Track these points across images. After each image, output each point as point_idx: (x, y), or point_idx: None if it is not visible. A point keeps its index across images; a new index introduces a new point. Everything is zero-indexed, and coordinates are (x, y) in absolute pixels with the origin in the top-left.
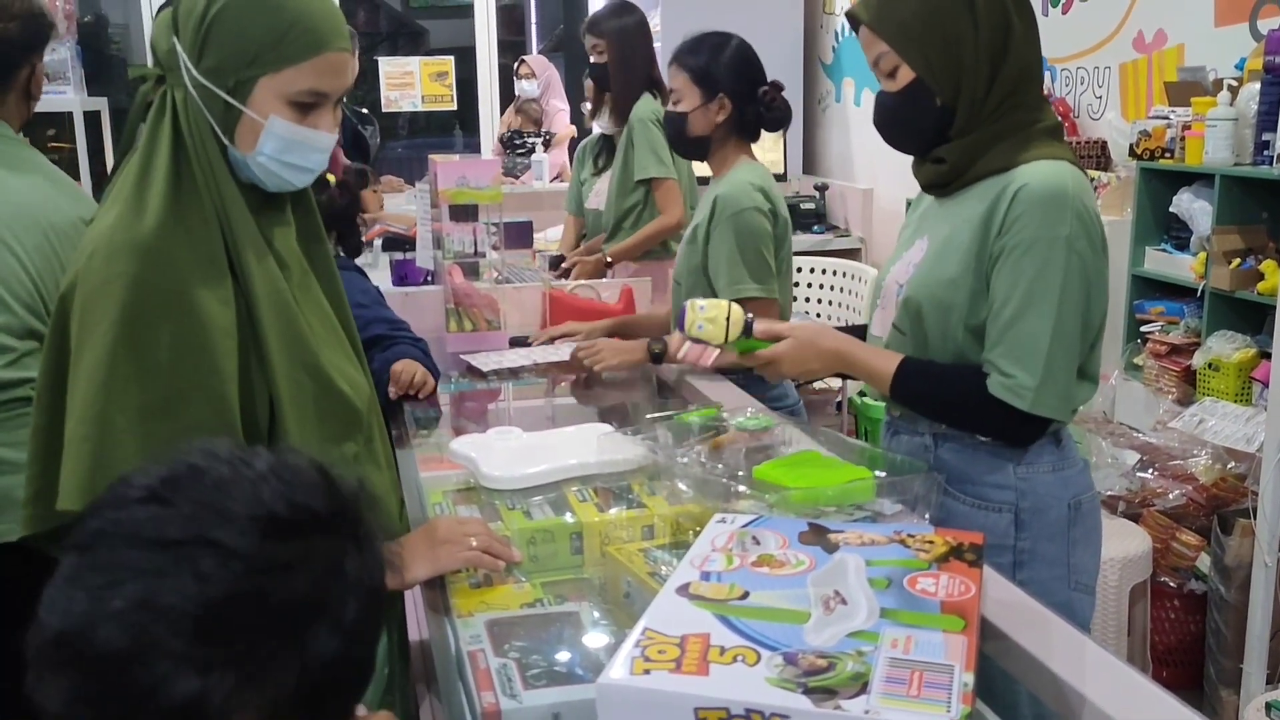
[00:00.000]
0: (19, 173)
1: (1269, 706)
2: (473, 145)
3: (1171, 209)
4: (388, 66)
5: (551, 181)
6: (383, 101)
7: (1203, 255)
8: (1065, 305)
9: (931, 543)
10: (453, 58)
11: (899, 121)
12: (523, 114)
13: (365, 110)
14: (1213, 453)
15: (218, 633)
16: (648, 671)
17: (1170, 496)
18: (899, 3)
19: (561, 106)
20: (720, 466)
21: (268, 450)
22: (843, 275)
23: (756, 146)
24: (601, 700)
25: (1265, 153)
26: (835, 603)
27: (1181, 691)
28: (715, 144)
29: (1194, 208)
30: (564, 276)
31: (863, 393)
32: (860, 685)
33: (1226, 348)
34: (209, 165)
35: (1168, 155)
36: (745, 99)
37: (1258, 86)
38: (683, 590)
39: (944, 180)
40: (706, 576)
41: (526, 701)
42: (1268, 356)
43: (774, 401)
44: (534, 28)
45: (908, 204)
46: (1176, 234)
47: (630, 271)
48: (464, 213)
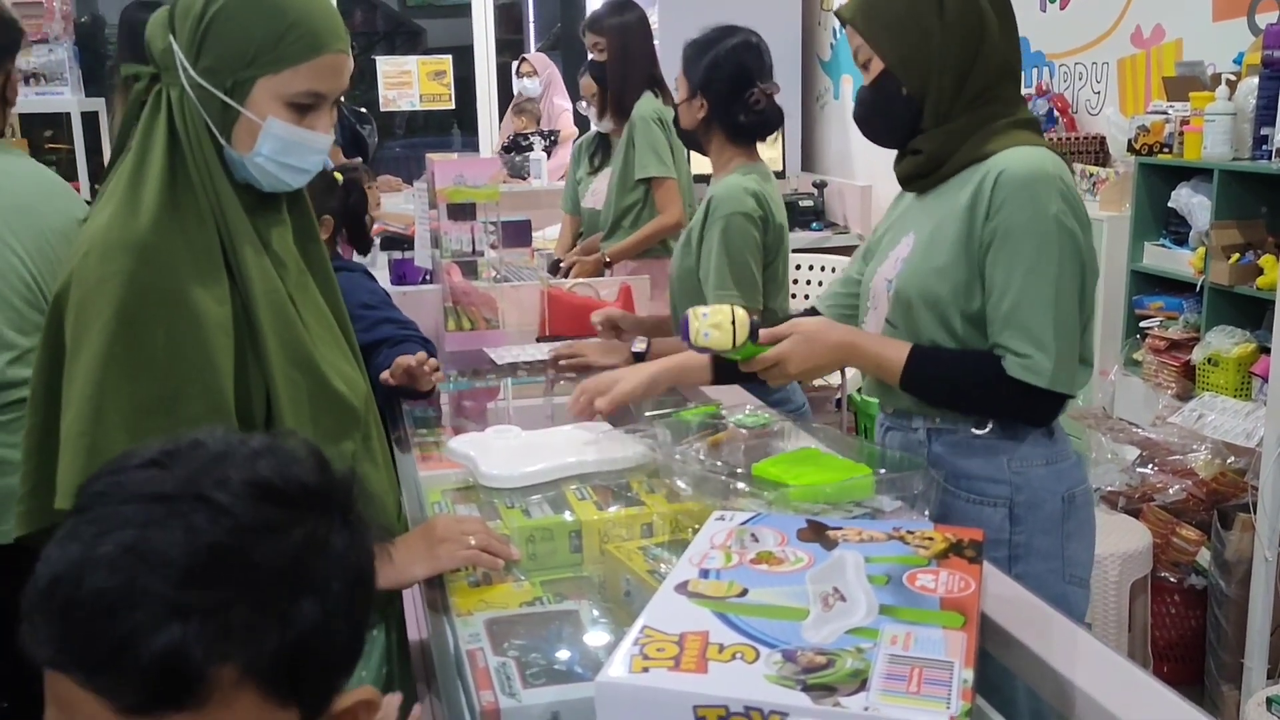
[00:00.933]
0: (12, 174)
1: (1270, 701)
2: (471, 144)
3: (1170, 204)
4: (385, 66)
5: (558, 180)
6: (380, 101)
7: (1202, 250)
8: (1063, 283)
9: (931, 539)
10: (450, 57)
11: (871, 113)
12: (525, 114)
13: (363, 109)
14: (1212, 448)
15: (201, 582)
16: (646, 670)
17: (1170, 492)
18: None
19: (565, 105)
20: (719, 464)
21: (265, 434)
22: (841, 272)
23: (747, 144)
24: (600, 699)
25: (1264, 147)
26: (834, 600)
27: (1182, 687)
28: (705, 139)
29: (1193, 203)
30: (563, 278)
31: (861, 389)
32: (859, 682)
33: (1226, 343)
34: (204, 164)
35: (1166, 150)
36: (726, 101)
37: (1256, 81)
38: (681, 588)
39: (923, 172)
40: (705, 574)
41: (526, 700)
42: (1267, 351)
43: (780, 405)
44: (532, 26)
45: None
46: (1175, 229)
47: (629, 270)
48: (462, 211)
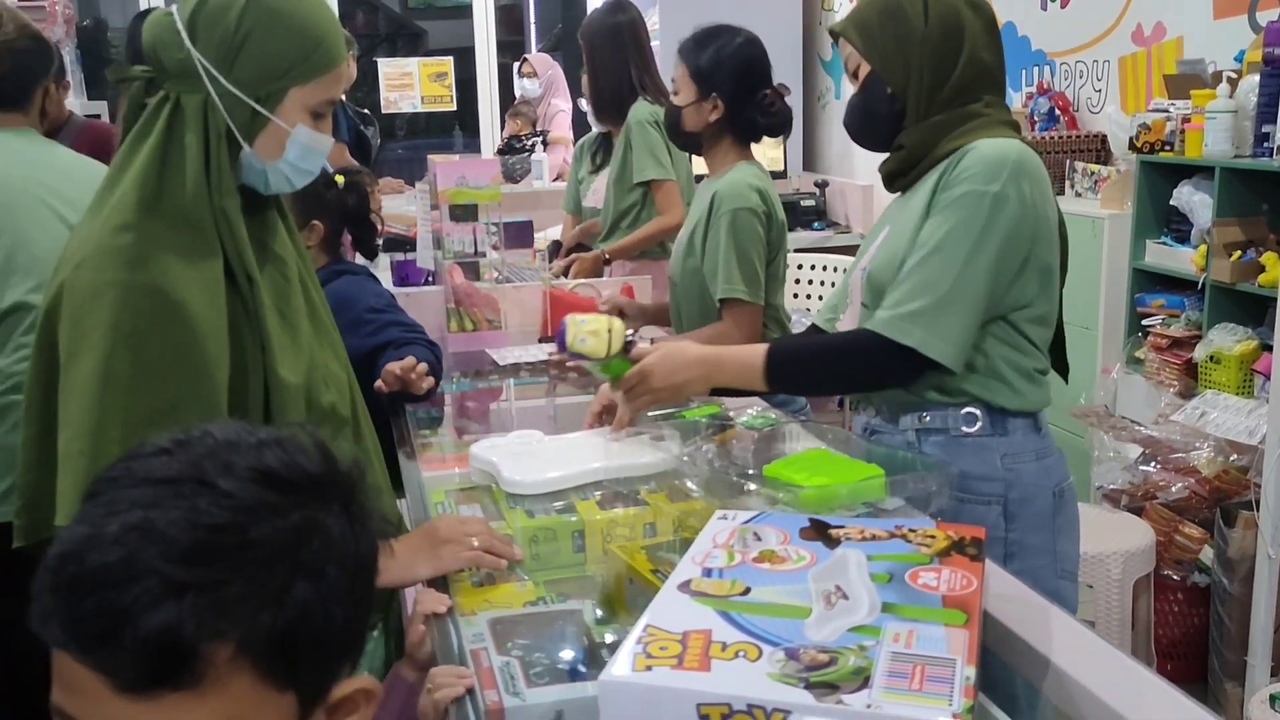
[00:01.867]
0: (64, 167)
1: (1273, 699)
2: (472, 145)
3: (1172, 202)
4: (387, 68)
5: (553, 181)
6: (382, 103)
7: (1203, 248)
8: (978, 256)
9: (933, 537)
10: (451, 58)
11: (860, 115)
12: (520, 117)
13: (366, 111)
14: (1215, 445)
15: (198, 560)
16: (650, 668)
17: (1173, 490)
18: (863, 9)
19: (562, 107)
20: (729, 465)
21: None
22: (843, 272)
23: (758, 143)
24: (604, 697)
25: (1265, 145)
26: (836, 598)
27: (1185, 685)
28: (708, 141)
29: (1194, 200)
30: (564, 271)
31: None
32: (862, 680)
33: (1228, 340)
34: (221, 171)
35: (1167, 148)
36: (741, 101)
37: (1257, 78)
38: (684, 587)
39: (904, 167)
40: (708, 573)
41: (529, 699)
42: (1269, 349)
43: (783, 405)
44: (533, 27)
45: None
46: (1177, 227)
47: (627, 270)
48: (464, 213)
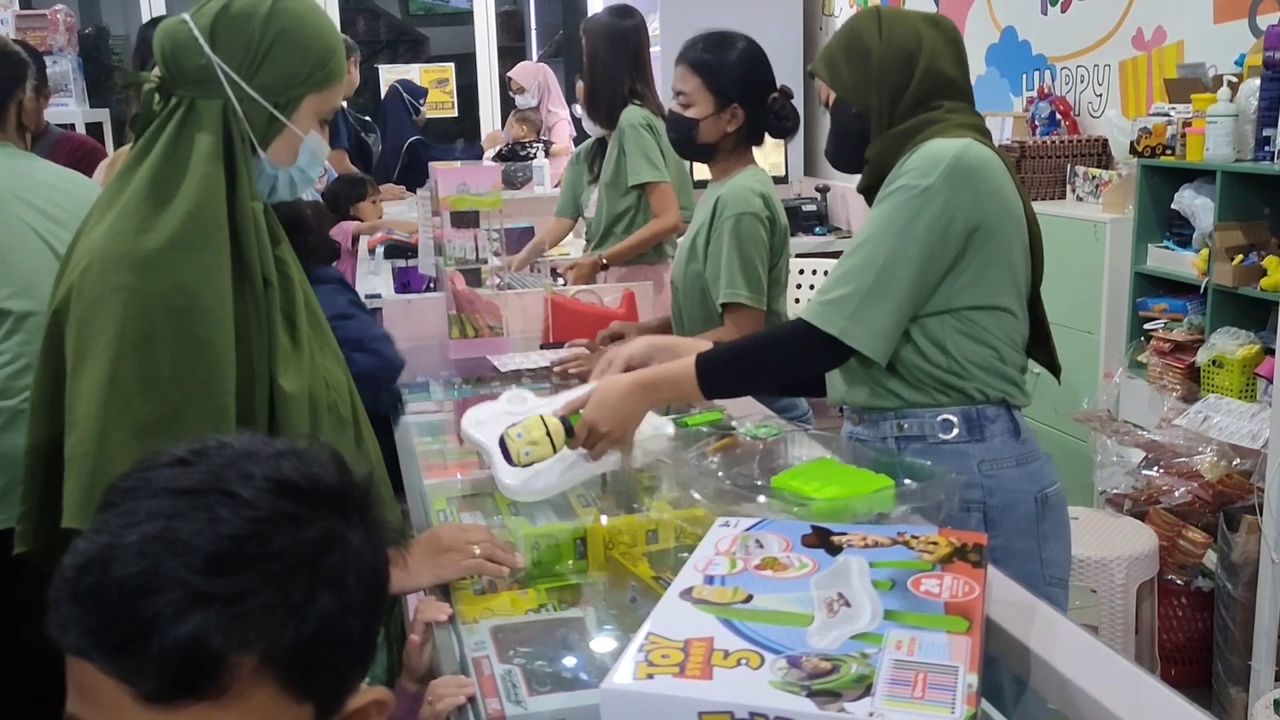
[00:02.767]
0: (43, 179)
1: (1277, 704)
2: (474, 152)
3: (1173, 206)
4: (388, 74)
5: (554, 187)
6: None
7: (1205, 252)
8: (902, 248)
9: (935, 544)
10: (453, 65)
11: (833, 138)
12: (526, 123)
13: (368, 119)
14: (1218, 449)
15: (223, 570)
16: (651, 676)
17: (1176, 494)
18: (830, 45)
19: (560, 114)
20: (736, 476)
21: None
22: None
23: (759, 148)
24: (605, 705)
25: (1266, 148)
26: (839, 605)
27: (1190, 689)
28: (719, 148)
29: (1196, 204)
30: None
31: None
32: (864, 688)
33: (1230, 344)
34: (246, 176)
35: (1169, 152)
36: (757, 107)
37: (1258, 82)
38: (686, 594)
39: (874, 180)
40: (710, 580)
41: (531, 708)
42: (1272, 353)
43: (785, 411)
44: (534, 33)
45: None
46: (1178, 231)
47: (619, 276)
48: (465, 219)
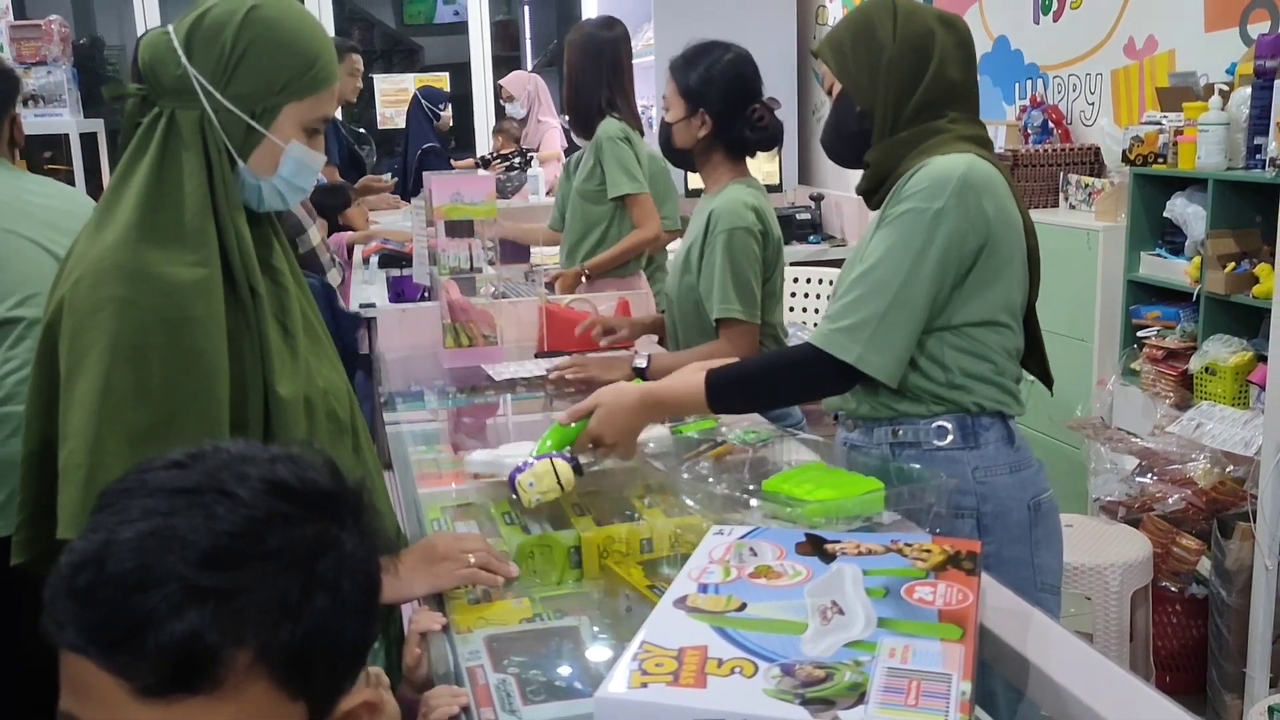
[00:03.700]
0: (37, 191)
1: (1272, 710)
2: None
3: (1165, 214)
4: (383, 84)
5: (547, 195)
6: (378, 119)
7: (1197, 259)
8: (916, 273)
9: (929, 551)
10: (447, 74)
11: (832, 132)
12: (502, 134)
13: (362, 130)
14: (1211, 456)
15: (219, 565)
16: (645, 685)
17: (1169, 501)
18: (838, 30)
19: (551, 123)
20: (727, 481)
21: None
22: None
23: (752, 158)
24: (599, 714)
25: (1257, 156)
26: (832, 613)
27: (1184, 697)
28: (700, 157)
29: (1188, 212)
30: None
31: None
32: (858, 696)
33: (1223, 351)
34: (225, 186)
35: (1161, 160)
36: (730, 117)
37: (1249, 91)
38: (680, 603)
39: (872, 185)
40: (704, 589)
41: (526, 717)
42: (1264, 360)
43: (779, 420)
44: (528, 43)
45: None
46: (1171, 239)
47: (591, 285)
48: (459, 228)
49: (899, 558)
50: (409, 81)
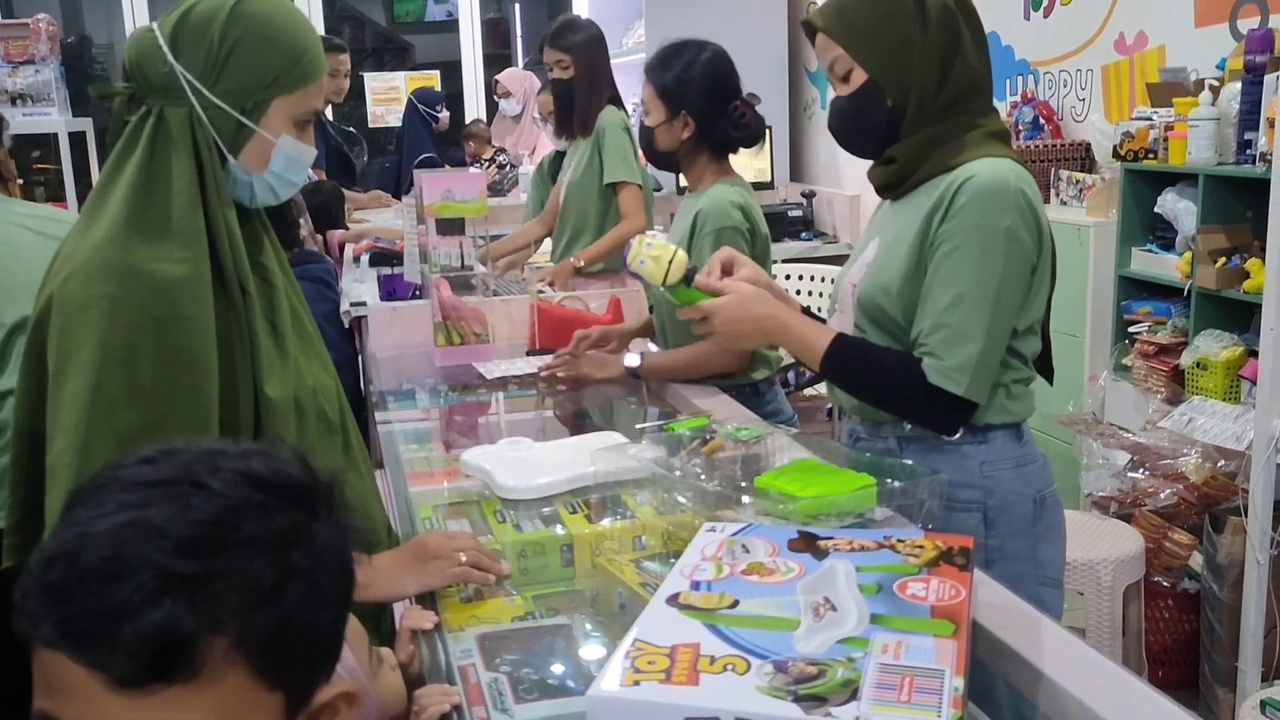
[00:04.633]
0: (29, 216)
1: (1264, 704)
2: (459, 159)
3: (1156, 209)
4: (373, 82)
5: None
6: (368, 117)
7: (1188, 255)
8: (1003, 296)
9: (921, 547)
10: (438, 72)
11: (853, 124)
12: (474, 139)
13: (352, 130)
14: (1203, 451)
15: (194, 553)
16: (638, 683)
17: (1161, 496)
18: (854, 9)
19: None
20: (719, 477)
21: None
22: (830, 282)
23: (744, 154)
24: (592, 712)
25: (1248, 151)
26: (825, 609)
27: (1177, 691)
28: (684, 158)
29: (1179, 208)
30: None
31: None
32: (850, 692)
33: (1214, 346)
34: (215, 184)
35: (1151, 156)
36: (712, 116)
37: (1239, 86)
38: (672, 600)
39: (895, 181)
40: (696, 586)
41: (518, 716)
42: (1255, 354)
43: (771, 416)
44: (519, 41)
45: None
46: (1162, 234)
47: (586, 282)
48: (450, 226)
49: (892, 554)
50: (400, 80)
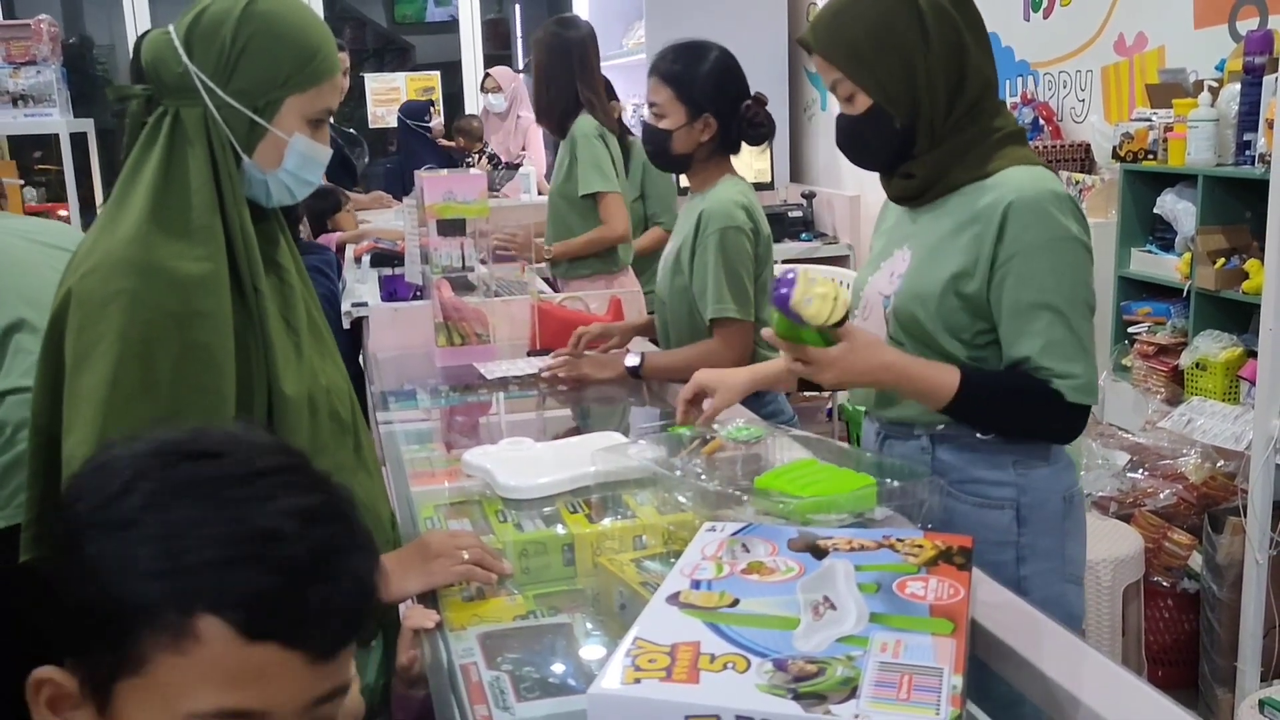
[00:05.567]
0: (24, 231)
1: (1263, 704)
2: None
3: (1156, 210)
4: (374, 82)
5: (540, 195)
6: (369, 117)
7: (1188, 255)
8: (1081, 300)
9: (920, 547)
10: (438, 73)
11: (860, 144)
12: (464, 134)
13: (353, 130)
14: (1202, 452)
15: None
16: (638, 681)
17: (1161, 496)
18: (848, 29)
19: (531, 119)
20: (720, 478)
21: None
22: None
23: (745, 154)
24: (593, 710)
25: (1247, 153)
26: (824, 608)
27: (1177, 691)
28: (695, 159)
29: (1178, 208)
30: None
31: (849, 399)
32: (850, 690)
33: (1213, 347)
34: (230, 182)
35: (1151, 157)
36: (729, 115)
37: (1238, 87)
38: (673, 599)
39: (915, 193)
40: (696, 585)
41: (519, 714)
42: (1254, 355)
43: (772, 416)
44: (519, 42)
45: None
46: (1161, 235)
47: (577, 285)
48: (451, 227)
49: (891, 553)
50: (400, 80)
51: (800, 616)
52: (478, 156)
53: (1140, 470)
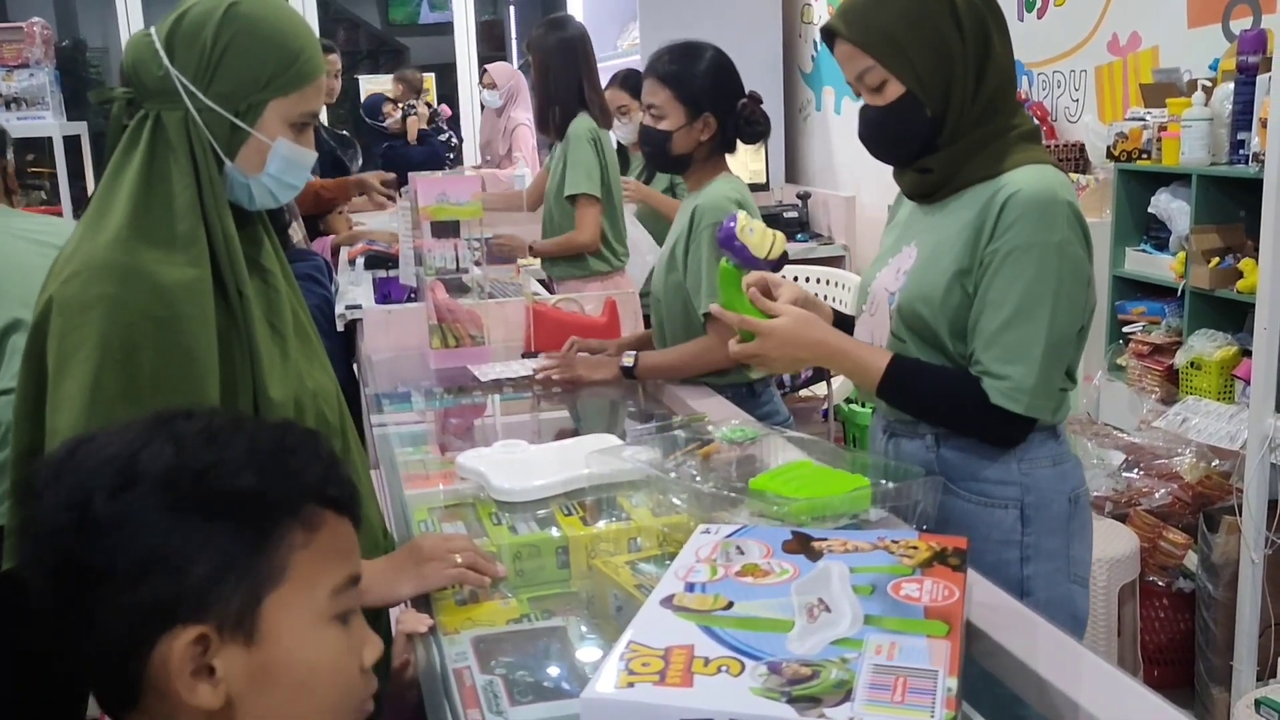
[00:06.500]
0: (29, 229)
1: (1259, 703)
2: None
3: (1150, 209)
4: (368, 84)
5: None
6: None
7: (1182, 255)
8: (1059, 311)
9: (915, 548)
10: (433, 75)
11: (889, 135)
12: (404, 82)
13: (346, 133)
14: (1197, 451)
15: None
16: (632, 684)
17: (1156, 496)
18: (883, 16)
19: (523, 120)
20: (714, 479)
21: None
22: (826, 283)
23: (741, 155)
24: (586, 714)
25: (1241, 152)
26: (819, 610)
27: (1172, 690)
28: (696, 160)
29: (1172, 208)
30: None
31: (850, 400)
32: (844, 693)
33: (1208, 346)
34: (212, 186)
35: (1145, 156)
36: (727, 115)
37: (1231, 86)
38: (667, 602)
39: (930, 189)
40: (691, 588)
41: (513, 718)
42: (1249, 354)
43: (767, 418)
44: (514, 43)
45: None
46: (1155, 234)
47: (566, 289)
48: (445, 229)
49: (885, 555)
50: (392, 83)
51: (795, 619)
52: (413, 107)
53: (1135, 470)
